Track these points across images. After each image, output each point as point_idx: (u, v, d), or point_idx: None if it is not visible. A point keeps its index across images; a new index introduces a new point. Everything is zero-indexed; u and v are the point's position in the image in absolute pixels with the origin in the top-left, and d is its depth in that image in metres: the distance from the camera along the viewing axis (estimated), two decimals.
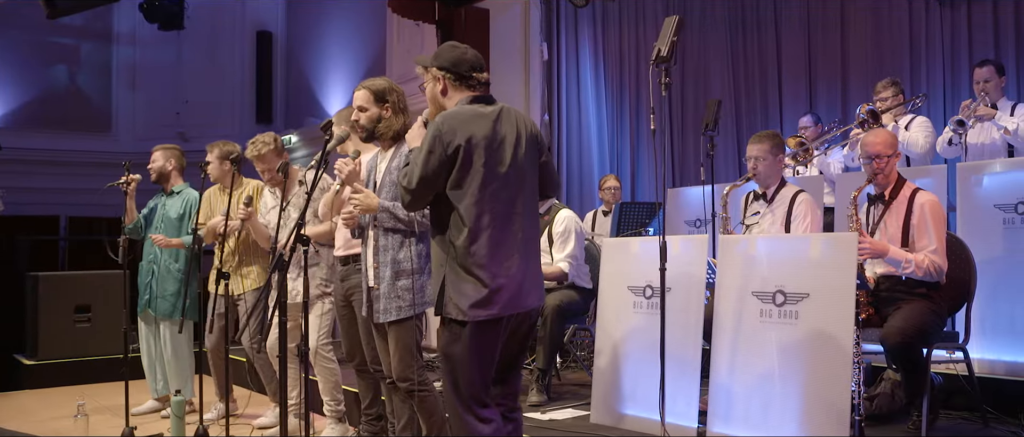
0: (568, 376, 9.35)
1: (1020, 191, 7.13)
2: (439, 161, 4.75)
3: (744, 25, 13.37)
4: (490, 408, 4.89)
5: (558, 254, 8.05)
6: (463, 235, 4.73)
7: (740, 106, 13.35)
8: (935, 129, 9.12)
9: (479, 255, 4.73)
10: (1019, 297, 7.11)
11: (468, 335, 4.76)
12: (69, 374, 10.99)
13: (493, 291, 4.73)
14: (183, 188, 9.10)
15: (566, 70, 14.10)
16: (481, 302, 4.72)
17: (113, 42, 21.16)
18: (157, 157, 9.05)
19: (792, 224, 7.08)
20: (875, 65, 11.61)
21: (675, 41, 5.97)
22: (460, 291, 4.75)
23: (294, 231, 5.12)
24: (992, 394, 6.80)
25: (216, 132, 19.96)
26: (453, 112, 4.89)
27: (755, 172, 7.26)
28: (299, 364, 6.10)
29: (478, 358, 4.80)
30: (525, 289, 4.91)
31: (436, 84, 5.08)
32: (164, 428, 8.12)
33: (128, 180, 8.38)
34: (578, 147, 14.13)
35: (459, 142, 4.74)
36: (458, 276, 4.76)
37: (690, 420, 6.27)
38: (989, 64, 8.63)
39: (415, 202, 4.91)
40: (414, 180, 4.80)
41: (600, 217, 11.70)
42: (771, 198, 7.30)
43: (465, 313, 4.72)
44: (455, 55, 5.06)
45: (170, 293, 8.80)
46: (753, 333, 5.93)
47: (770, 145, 7.23)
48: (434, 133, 4.77)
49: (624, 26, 14.49)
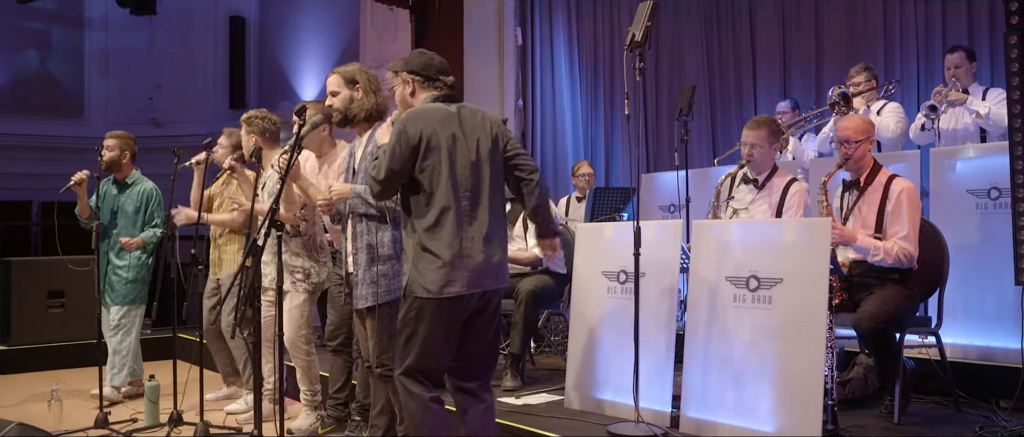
0: (542, 361, 9.36)
1: (993, 176, 7.16)
2: (405, 153, 5.10)
3: (719, 11, 13.37)
4: (440, 387, 5.22)
5: (533, 239, 8.05)
6: (426, 219, 5.09)
7: (714, 91, 13.32)
8: (908, 116, 9.16)
9: (440, 237, 5.06)
10: (991, 282, 7.15)
11: (428, 312, 5.05)
12: (42, 359, 10.93)
13: (453, 269, 5.03)
14: (137, 178, 9.02)
15: (540, 55, 14.13)
16: (441, 280, 5.01)
17: (85, 27, 21.10)
18: (112, 145, 8.88)
19: (784, 214, 7.05)
20: (849, 52, 11.62)
21: (649, 26, 5.98)
22: (421, 270, 5.06)
23: (268, 216, 5.15)
24: (964, 379, 6.84)
25: (189, 117, 20.01)
26: (417, 109, 5.29)
27: (750, 158, 7.22)
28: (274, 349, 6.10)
29: (436, 335, 5.08)
30: (485, 271, 5.16)
31: (405, 87, 5.49)
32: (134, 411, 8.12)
33: (78, 180, 8.36)
34: (552, 132, 14.17)
35: (423, 135, 5.11)
36: (420, 256, 5.09)
37: (664, 404, 6.28)
38: (960, 50, 8.66)
39: (384, 192, 5.25)
40: (383, 171, 5.13)
41: (574, 203, 11.70)
42: (762, 184, 7.27)
43: (427, 290, 5.02)
44: (424, 60, 5.46)
45: (127, 280, 8.78)
46: (727, 318, 5.94)
47: (767, 132, 7.17)
48: (400, 128, 5.15)
49: (598, 11, 14.50)
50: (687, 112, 7.86)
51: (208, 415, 7.39)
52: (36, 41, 20.73)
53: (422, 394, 5.10)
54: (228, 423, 7.58)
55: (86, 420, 7.79)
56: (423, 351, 5.09)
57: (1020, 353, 6.45)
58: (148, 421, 7.69)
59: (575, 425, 6.28)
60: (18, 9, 18.82)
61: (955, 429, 6.02)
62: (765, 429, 5.57)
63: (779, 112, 10.60)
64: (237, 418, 7.80)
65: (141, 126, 20.29)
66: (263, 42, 20.92)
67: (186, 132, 18.96)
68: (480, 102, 12.79)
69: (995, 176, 7.12)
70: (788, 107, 10.58)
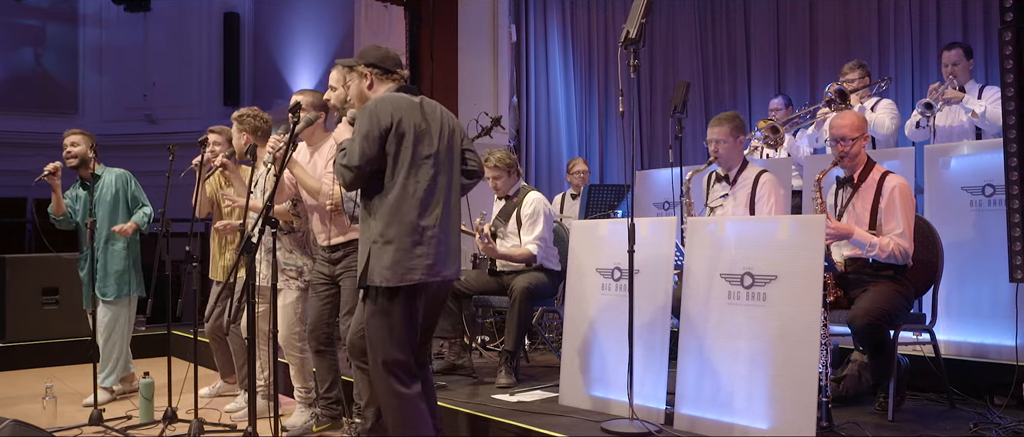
0: (537, 358, 9.36)
1: (987, 173, 7.16)
2: (376, 139, 5.15)
3: (713, 7, 13.38)
4: (415, 375, 5.31)
5: (526, 236, 8.05)
6: (387, 208, 5.17)
7: (709, 88, 13.36)
8: (903, 112, 9.16)
9: (403, 226, 5.16)
10: (986, 279, 7.15)
11: (391, 302, 5.16)
12: (37, 356, 10.94)
13: (414, 257, 5.16)
14: (103, 170, 8.92)
15: (535, 52, 14.14)
16: (403, 268, 5.13)
17: (79, 23, 21.05)
18: (78, 141, 8.74)
19: (756, 205, 7.09)
20: (843, 48, 11.64)
21: (644, 22, 5.97)
22: (384, 260, 5.13)
23: (262, 214, 5.14)
24: (958, 376, 6.83)
25: (183, 114, 19.98)
26: (384, 97, 5.33)
27: (717, 155, 7.25)
28: (268, 347, 6.10)
29: (402, 323, 5.20)
30: (443, 260, 5.32)
31: (362, 80, 5.56)
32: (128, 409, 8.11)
33: (52, 170, 8.25)
34: (547, 129, 14.19)
35: (392, 121, 5.18)
36: (382, 247, 5.15)
37: (658, 402, 6.26)
38: (957, 47, 8.66)
39: (356, 180, 5.24)
40: (355, 158, 5.14)
41: (569, 200, 11.70)
42: (734, 180, 7.30)
43: (388, 279, 5.11)
44: (381, 53, 5.57)
45: (116, 271, 8.76)
46: (721, 315, 5.93)
47: (730, 127, 7.21)
48: (369, 114, 5.18)
49: (593, 8, 14.53)
50: (681, 109, 7.84)
51: (203, 412, 7.38)
52: (31, 38, 20.68)
53: (401, 389, 5.20)
54: (223, 420, 7.58)
55: (81, 417, 7.78)
56: (397, 342, 5.19)
57: (1014, 350, 6.46)
58: (143, 418, 7.67)
59: (570, 422, 6.25)
60: (13, 6, 18.83)
61: (949, 426, 6.01)
62: (759, 426, 5.56)
63: (772, 109, 10.62)
64: (232, 415, 7.80)
65: (136, 123, 20.32)
66: (257, 38, 20.89)
67: (181, 129, 18.94)
68: (475, 99, 12.84)
69: (989, 173, 7.13)
70: (781, 104, 10.58)
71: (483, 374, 8.13)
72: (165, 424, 7.37)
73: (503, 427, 6.29)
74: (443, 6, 12.72)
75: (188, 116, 20.12)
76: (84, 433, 7.47)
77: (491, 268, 8.41)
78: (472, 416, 6.60)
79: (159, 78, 20.87)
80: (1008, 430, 5.77)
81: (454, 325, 8.34)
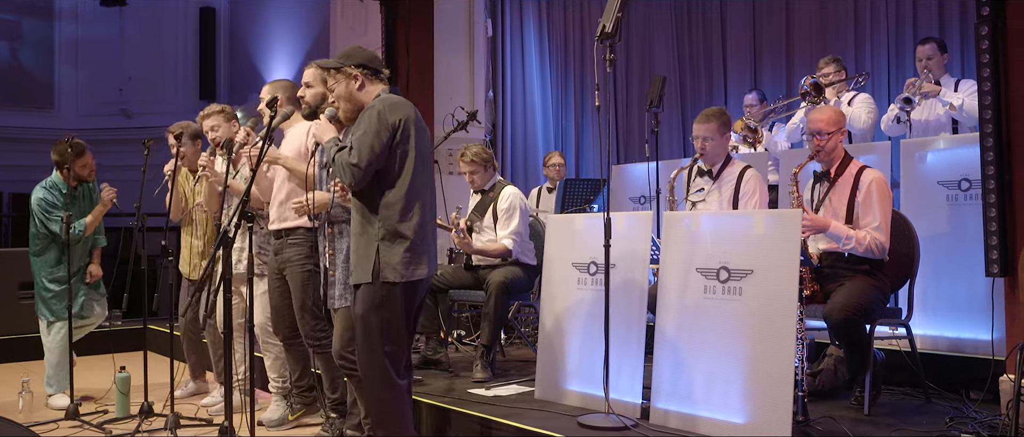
0: (513, 352, 9.38)
1: (964, 168, 7.18)
2: (387, 139, 5.24)
3: (689, 1, 13.39)
4: (406, 370, 5.52)
5: (502, 231, 8.05)
6: (398, 207, 5.31)
7: (685, 83, 13.36)
8: (880, 107, 9.19)
9: (411, 225, 5.32)
10: (962, 273, 7.17)
11: (399, 296, 5.31)
12: (13, 351, 10.93)
13: (421, 254, 5.35)
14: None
15: (511, 47, 14.14)
16: (414, 264, 5.32)
17: (55, 18, 20.94)
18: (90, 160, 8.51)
19: (740, 201, 7.08)
20: (820, 43, 11.66)
21: (620, 17, 5.97)
22: (395, 257, 5.28)
23: (238, 207, 5.13)
24: (934, 370, 6.86)
25: (159, 108, 19.89)
26: (390, 98, 5.43)
27: (703, 151, 7.25)
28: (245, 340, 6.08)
29: (402, 317, 5.37)
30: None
31: (351, 82, 5.52)
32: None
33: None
34: (523, 124, 14.19)
35: (400, 122, 5.29)
36: (393, 243, 5.29)
37: (634, 396, 6.26)
38: (932, 41, 8.68)
39: (363, 179, 5.28)
40: (364, 158, 5.20)
41: (545, 194, 11.68)
42: (717, 175, 7.29)
43: (402, 275, 5.27)
44: (367, 54, 5.59)
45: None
46: (697, 309, 5.92)
47: (717, 124, 7.20)
48: (379, 115, 5.26)
49: (569, 2, 14.54)
50: (658, 103, 7.84)
51: (179, 407, 7.37)
52: (6, 33, 20.57)
53: (397, 380, 5.33)
54: (199, 415, 7.57)
55: (57, 412, 7.76)
56: (397, 337, 5.33)
57: (990, 344, 6.47)
58: (119, 413, 7.67)
59: (545, 416, 6.25)
60: None
61: (925, 420, 6.03)
62: (735, 420, 5.56)
63: (747, 105, 10.65)
64: (209, 410, 7.79)
65: (112, 117, 20.23)
66: (233, 33, 20.80)
67: (156, 123, 18.82)
68: (451, 94, 12.82)
69: (966, 167, 7.15)
70: (755, 99, 10.61)
71: (459, 369, 8.11)
72: (141, 418, 7.35)
73: (479, 421, 6.29)
74: (419, 1, 12.69)
75: (164, 110, 19.98)
76: (61, 427, 7.45)
77: (467, 263, 8.41)
78: (448, 410, 6.60)
79: (135, 72, 20.78)
80: (984, 424, 5.79)
81: (430, 320, 8.31)
